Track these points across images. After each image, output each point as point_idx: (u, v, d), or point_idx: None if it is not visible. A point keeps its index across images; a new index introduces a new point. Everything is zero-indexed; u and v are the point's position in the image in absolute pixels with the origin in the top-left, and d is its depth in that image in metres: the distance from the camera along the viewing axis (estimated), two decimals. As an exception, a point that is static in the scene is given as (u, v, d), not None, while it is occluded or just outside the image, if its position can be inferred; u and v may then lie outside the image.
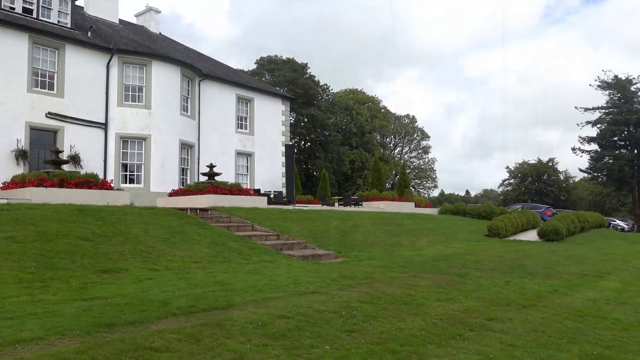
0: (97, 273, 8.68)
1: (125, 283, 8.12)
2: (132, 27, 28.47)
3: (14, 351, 4.55)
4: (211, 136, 26.84)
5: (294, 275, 9.52)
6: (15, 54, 19.81)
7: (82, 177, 14.56)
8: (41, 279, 7.99)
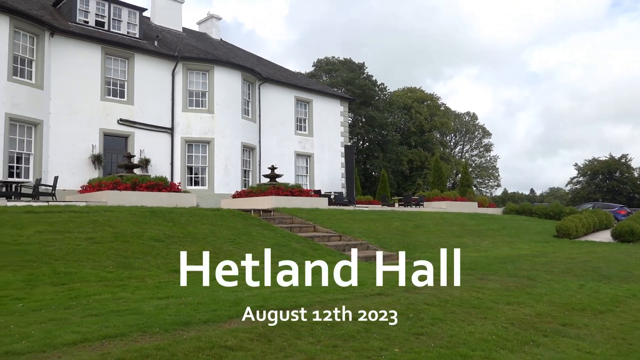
0: (169, 273, 9.07)
1: (196, 282, 8.41)
2: (194, 35, 29.50)
3: (101, 346, 4.85)
4: (271, 138, 27.34)
5: (357, 276, 9.52)
6: (90, 64, 21.03)
7: (152, 180, 15.25)
8: (119, 277, 8.44)
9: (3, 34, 17.97)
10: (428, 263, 7.01)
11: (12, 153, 18.26)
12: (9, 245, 8.90)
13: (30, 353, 4.54)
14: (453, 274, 7.69)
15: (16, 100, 18.26)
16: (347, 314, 6.42)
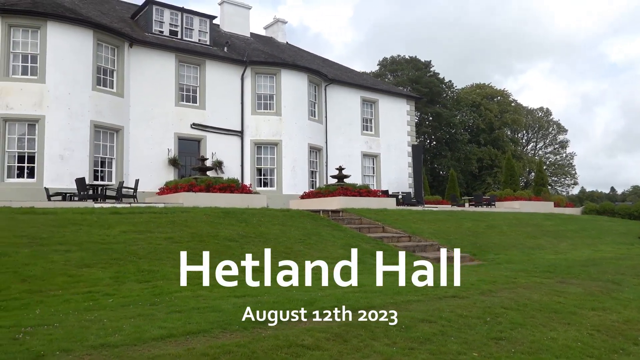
0: (245, 272, 9.32)
1: (272, 282, 8.61)
2: (261, 39, 30.19)
3: (186, 341, 5.09)
4: (337, 139, 27.46)
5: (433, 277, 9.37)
6: (165, 72, 22.06)
7: (225, 182, 15.77)
8: (196, 275, 8.78)
9: (87, 47, 19.23)
10: (503, 265, 6.80)
11: (96, 158, 19.49)
12: (98, 245, 9.51)
13: (123, 346, 4.84)
14: (530, 277, 7.44)
15: (100, 109, 19.49)
16: (422, 316, 6.33)
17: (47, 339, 4.91)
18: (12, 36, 18.25)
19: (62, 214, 11.19)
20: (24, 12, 18.31)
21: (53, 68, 18.38)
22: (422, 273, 10.04)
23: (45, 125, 18.09)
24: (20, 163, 18.02)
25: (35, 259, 8.31)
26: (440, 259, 12.13)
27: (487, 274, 10.18)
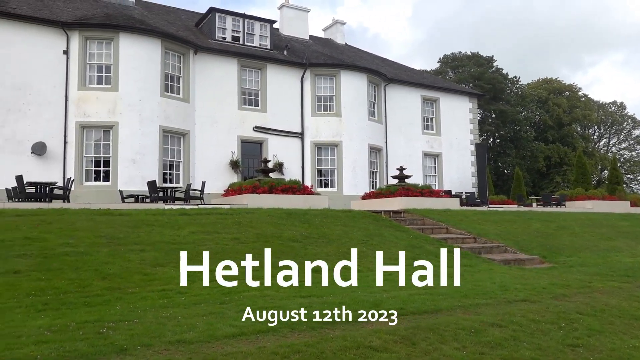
0: (309, 272, 9.44)
1: (334, 282, 8.67)
2: (320, 41, 30.41)
3: (256, 340, 5.23)
4: (397, 139, 27.20)
5: (498, 280, 9.12)
6: (228, 77, 22.71)
7: (287, 184, 16.02)
8: (263, 275, 8.98)
9: (156, 55, 20.13)
10: (575, 268, 6.50)
11: (165, 161, 20.37)
12: (170, 244, 9.93)
13: (197, 342, 5.04)
14: (607, 281, 7.12)
15: (168, 114, 20.35)
16: (492, 320, 6.16)
17: (129, 334, 5.20)
18: (88, 48, 19.42)
19: (136, 215, 11.77)
20: (99, 25, 19.43)
21: (125, 77, 19.38)
22: (487, 275, 9.79)
23: (118, 131, 19.11)
24: (96, 167, 19.14)
25: (113, 258, 8.80)
26: (507, 261, 11.78)
27: (559, 277, 9.76)
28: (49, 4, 20.62)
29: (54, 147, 18.73)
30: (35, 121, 18.57)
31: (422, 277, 9.57)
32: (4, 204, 12.72)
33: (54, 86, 18.96)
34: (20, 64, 18.50)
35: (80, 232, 9.96)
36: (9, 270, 7.65)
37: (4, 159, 17.84)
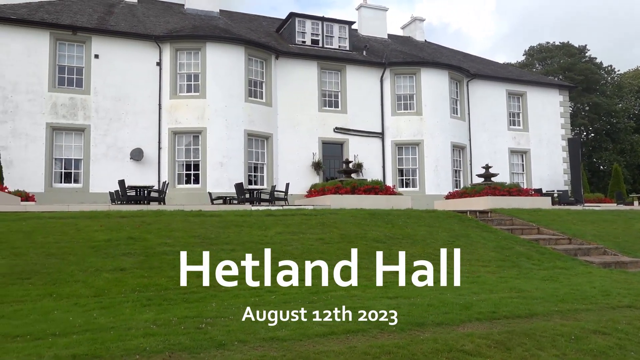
0: (393, 273, 9.40)
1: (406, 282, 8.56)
2: (399, 40, 30.09)
3: (346, 339, 5.30)
4: (481, 136, 26.30)
5: (598, 284, 8.56)
6: (308, 80, 23.12)
7: (369, 184, 16.04)
8: (349, 276, 9.06)
9: (240, 62, 20.93)
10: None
11: (249, 163, 21.12)
12: (258, 244, 10.29)
13: (290, 340, 5.20)
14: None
15: (252, 118, 21.08)
16: (593, 327, 5.80)
17: (225, 330, 5.46)
18: (178, 59, 20.58)
19: (226, 216, 12.30)
20: (187, 36, 20.54)
21: (212, 84, 20.33)
22: (585, 278, 9.22)
23: (207, 136, 20.08)
24: (187, 171, 20.25)
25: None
26: (607, 264, 11.02)
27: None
28: (143, 20, 22.10)
29: (150, 152, 20.03)
30: (133, 129, 19.97)
31: (511, 279, 9.23)
32: (109, 206, 13.82)
33: (149, 96, 20.28)
34: (120, 77, 19.98)
35: (176, 232, 10.59)
36: (117, 267, 8.30)
37: (107, 164, 19.37)
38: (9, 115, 18.50)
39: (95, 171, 19.29)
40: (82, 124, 19.45)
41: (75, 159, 19.42)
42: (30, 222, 10.44)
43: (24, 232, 9.73)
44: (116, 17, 21.54)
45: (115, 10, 22.34)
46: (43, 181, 18.58)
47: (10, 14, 19.14)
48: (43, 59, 19.12)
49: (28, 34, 19.04)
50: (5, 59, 18.64)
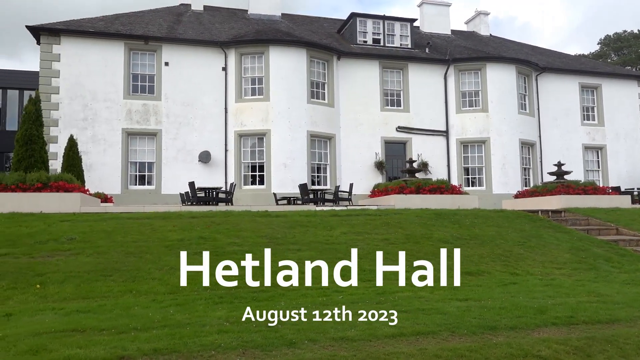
0: (462, 275, 9.16)
1: (490, 286, 8.34)
2: (462, 35, 29.35)
3: (416, 341, 5.25)
4: (552, 132, 25.16)
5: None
6: (370, 79, 23.05)
7: (434, 184, 15.76)
8: (411, 277, 8.95)
9: (302, 64, 21.20)
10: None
11: (312, 164, 21.34)
12: (323, 244, 10.39)
13: (359, 340, 5.22)
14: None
15: (314, 119, 21.29)
16: None
17: (296, 329, 5.56)
18: (243, 63, 21.14)
19: (291, 216, 12.51)
20: (251, 41, 21.06)
21: (275, 87, 20.72)
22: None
23: (271, 137, 20.49)
24: (252, 172, 20.76)
25: (274, 257, 9.44)
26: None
27: None
28: (209, 27, 22.87)
29: (217, 155, 20.71)
30: (201, 133, 20.72)
31: (589, 282, 8.77)
32: (180, 207, 14.42)
33: (215, 100, 20.97)
34: (188, 83, 20.80)
35: (244, 232, 10.89)
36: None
37: (177, 167, 20.22)
38: (88, 122, 19.74)
39: (166, 173, 20.19)
40: (154, 129, 20.41)
41: (148, 162, 20.41)
42: (110, 222, 11.09)
43: (106, 231, 10.36)
44: (184, 26, 22.44)
45: (183, 19, 23.27)
46: (120, 183, 19.67)
47: (89, 27, 20.41)
48: (118, 68, 20.24)
49: (105, 45, 20.22)
50: (85, 70, 19.89)
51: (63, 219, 11.15)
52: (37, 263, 8.59)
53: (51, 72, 19.66)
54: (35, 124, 13.28)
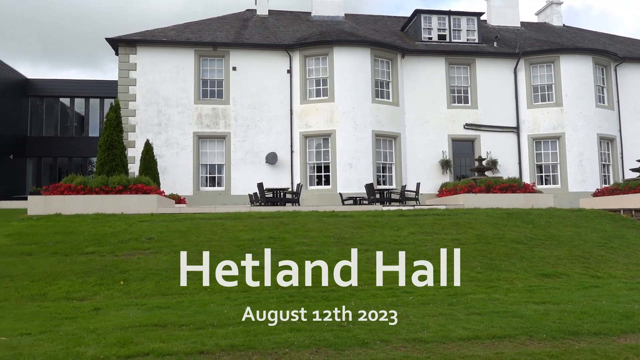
0: (538, 277, 8.85)
1: (570, 289, 7.97)
2: (533, 27, 28.12)
3: (492, 345, 5.10)
4: (634, 125, 23.60)
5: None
6: (435, 76, 22.61)
7: (505, 182, 15.23)
8: (488, 279, 8.72)
9: (366, 64, 21.14)
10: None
11: (377, 164, 21.22)
12: (391, 245, 10.31)
13: (432, 342, 5.15)
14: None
15: (379, 119, 21.17)
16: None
17: (367, 329, 5.57)
18: (307, 65, 21.39)
19: (358, 216, 12.52)
20: (315, 43, 21.26)
21: (339, 87, 20.80)
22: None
23: (335, 138, 20.60)
24: (318, 172, 20.96)
25: (342, 257, 9.50)
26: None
27: None
28: (274, 31, 23.33)
29: (283, 156, 21.08)
30: (267, 134, 21.18)
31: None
32: (250, 207, 14.82)
33: (281, 102, 21.35)
34: (255, 86, 21.32)
35: (311, 232, 11.02)
36: (262, 265, 8.85)
37: (245, 168, 20.79)
38: (162, 127, 20.71)
39: (235, 175, 20.80)
40: (223, 132, 21.09)
41: (218, 164, 21.12)
42: (185, 222, 11.59)
43: (181, 231, 10.83)
44: (250, 31, 23.02)
45: (249, 24, 23.88)
46: (192, 185, 20.49)
47: (162, 36, 21.42)
48: (189, 75, 21.09)
49: (176, 53, 21.14)
50: (158, 77, 20.89)
51: (142, 220, 11.78)
52: (120, 261, 9.14)
53: (128, 81, 20.81)
54: (115, 130, 14.11)
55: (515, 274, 9.02)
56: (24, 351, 4.91)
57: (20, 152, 28.22)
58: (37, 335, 5.49)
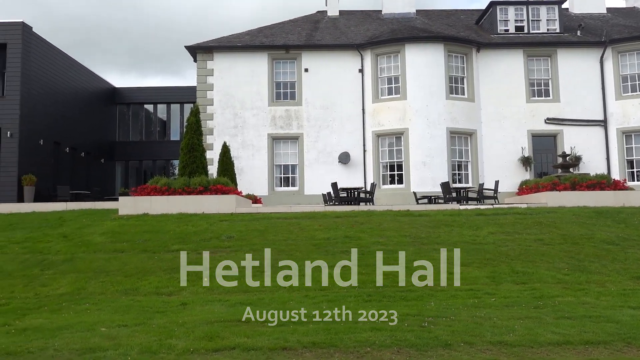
0: (632, 279, 8.28)
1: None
2: (621, 12, 26.23)
3: (585, 351, 4.84)
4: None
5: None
6: (513, 69, 21.67)
7: (593, 179, 14.35)
8: (577, 281, 8.26)
9: (439, 60, 20.68)
10: None
11: (452, 162, 20.68)
12: (470, 245, 10.04)
13: (519, 346, 4.96)
14: None
15: (453, 115, 20.64)
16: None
17: (449, 330, 5.46)
18: (379, 64, 21.27)
19: (434, 215, 12.29)
20: (386, 41, 21.08)
21: (412, 85, 20.49)
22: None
23: (408, 136, 20.32)
24: (390, 171, 20.77)
25: (419, 256, 9.35)
26: None
27: None
28: (345, 31, 23.40)
29: (355, 155, 21.09)
30: (339, 134, 21.28)
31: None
32: (324, 207, 14.96)
33: (353, 102, 21.37)
34: (326, 86, 21.49)
35: (387, 231, 10.96)
36: (334, 264, 8.92)
37: (319, 168, 21.01)
38: (238, 129, 21.40)
39: (308, 175, 21.08)
40: (296, 133, 21.44)
41: (291, 164, 21.51)
42: (262, 222, 11.91)
43: (259, 230, 11.15)
44: (321, 32, 23.23)
45: (320, 25, 24.11)
46: (267, 185, 21.00)
47: (237, 42, 22.12)
48: (263, 77, 21.64)
49: (251, 57, 21.75)
50: (234, 81, 21.60)
51: (222, 219, 12.24)
52: (203, 259, 9.54)
53: (206, 86, 21.69)
54: (196, 134, 14.77)
55: (607, 276, 8.48)
56: (122, 341, 5.26)
57: (110, 156, 30.21)
58: (132, 327, 5.87)
